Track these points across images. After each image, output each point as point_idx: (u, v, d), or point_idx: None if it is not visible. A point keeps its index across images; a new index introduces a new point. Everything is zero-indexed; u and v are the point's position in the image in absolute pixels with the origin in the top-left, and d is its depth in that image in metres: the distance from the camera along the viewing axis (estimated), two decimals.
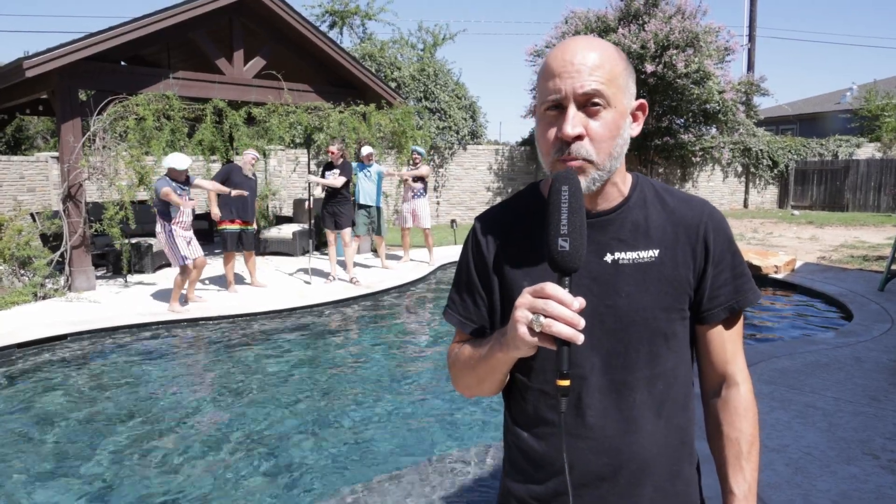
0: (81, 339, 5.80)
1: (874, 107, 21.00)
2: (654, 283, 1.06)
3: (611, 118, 1.01)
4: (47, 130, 19.34)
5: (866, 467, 3.03)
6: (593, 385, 1.05)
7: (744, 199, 19.32)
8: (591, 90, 0.99)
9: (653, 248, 1.07)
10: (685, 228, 1.09)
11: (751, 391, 1.13)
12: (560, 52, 1.03)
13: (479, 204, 16.85)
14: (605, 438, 1.06)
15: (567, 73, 1.00)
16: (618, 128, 1.02)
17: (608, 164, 1.03)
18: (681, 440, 1.12)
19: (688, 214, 1.10)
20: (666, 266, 1.07)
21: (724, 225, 1.11)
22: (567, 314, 0.87)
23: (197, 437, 3.88)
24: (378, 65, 16.48)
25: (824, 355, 4.82)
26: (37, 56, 7.00)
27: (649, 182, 1.15)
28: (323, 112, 9.51)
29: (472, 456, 3.54)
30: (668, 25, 15.21)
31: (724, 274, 1.09)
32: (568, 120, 0.99)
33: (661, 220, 1.09)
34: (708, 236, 1.08)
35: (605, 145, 1.01)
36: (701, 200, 1.13)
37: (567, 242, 0.89)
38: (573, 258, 0.89)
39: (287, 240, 10.55)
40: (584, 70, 0.99)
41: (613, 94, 1.01)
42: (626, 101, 1.05)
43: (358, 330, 6.47)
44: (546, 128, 1.03)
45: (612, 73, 1.01)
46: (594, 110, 1.00)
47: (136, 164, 7.54)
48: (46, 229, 7.74)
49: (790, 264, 8.59)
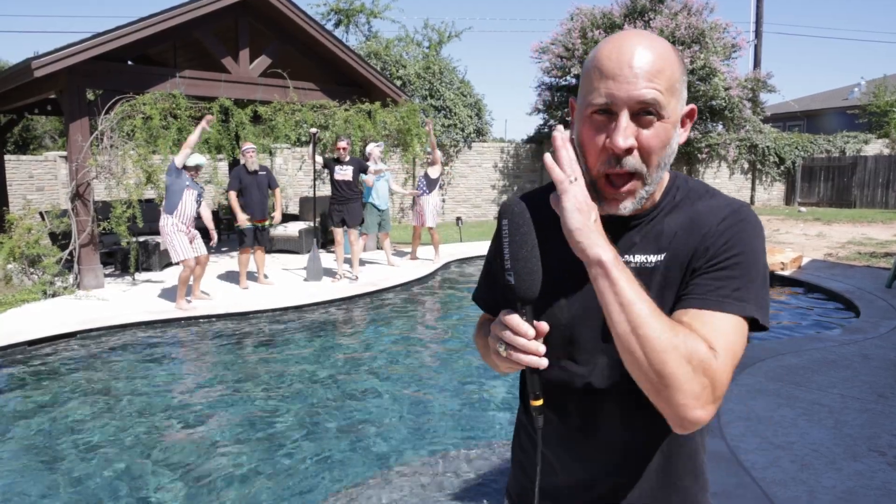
0: (90, 336, 5.84)
1: (883, 103, 20.83)
2: (656, 289, 0.99)
3: (663, 130, 0.93)
4: (55, 130, 19.45)
5: (872, 464, 3.03)
6: (595, 386, 1.04)
7: (750, 197, 19.23)
8: (650, 99, 0.91)
9: (660, 253, 1.00)
10: (697, 232, 0.99)
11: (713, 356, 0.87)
12: (616, 50, 0.93)
13: (484, 202, 16.84)
14: (592, 445, 1.05)
15: (624, 77, 0.91)
16: (669, 138, 0.95)
17: (655, 177, 0.96)
18: (676, 449, 1.07)
19: (707, 218, 1.00)
20: (668, 271, 0.99)
21: (744, 233, 0.97)
22: (522, 343, 0.89)
23: (202, 433, 3.91)
24: (383, 63, 16.50)
25: (831, 352, 4.81)
26: (45, 56, 7.05)
27: (686, 184, 1.06)
28: (328, 110, 9.54)
29: (477, 452, 3.55)
30: (674, 22, 15.16)
31: (719, 270, 0.95)
32: (620, 130, 0.91)
33: (677, 224, 1.01)
34: (714, 239, 0.97)
35: (654, 157, 0.94)
36: (730, 206, 1.00)
37: (511, 276, 0.90)
38: (520, 290, 0.90)
39: (293, 238, 10.60)
40: (641, 75, 0.91)
41: (669, 104, 0.93)
42: (680, 109, 0.97)
43: (363, 327, 6.49)
44: (593, 133, 0.95)
45: (672, 80, 0.93)
46: (648, 120, 0.92)
47: (143, 162, 7.59)
48: (55, 228, 7.80)
49: (797, 261, 8.56)
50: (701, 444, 1.10)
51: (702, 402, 0.86)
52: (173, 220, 6.49)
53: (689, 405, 0.86)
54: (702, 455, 1.10)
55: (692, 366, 0.85)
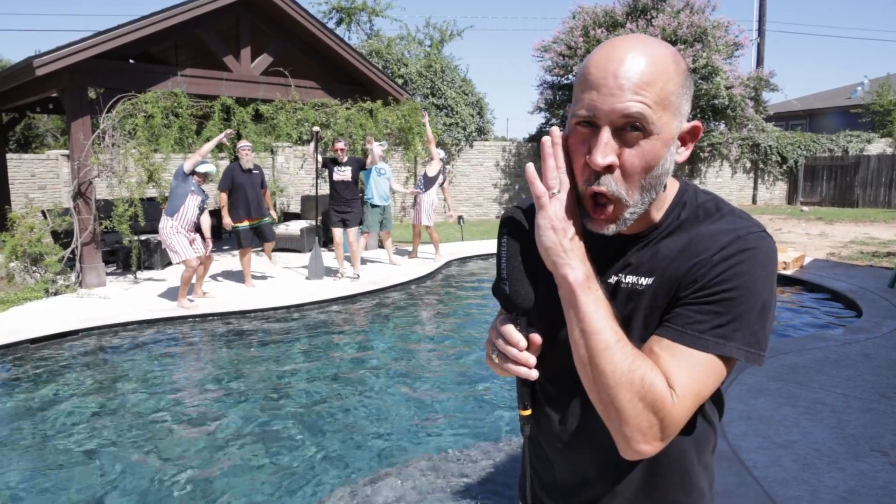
0: (92, 334, 5.85)
1: (886, 102, 20.77)
2: (640, 312, 0.94)
3: (650, 148, 0.85)
4: (57, 128, 19.47)
5: (875, 464, 3.02)
6: (582, 398, 0.98)
7: (752, 196, 19.21)
8: (635, 113, 0.83)
9: (650, 276, 0.94)
10: (690, 259, 0.90)
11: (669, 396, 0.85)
12: (604, 58, 0.86)
13: (486, 200, 16.84)
14: (583, 452, 1.04)
15: (608, 88, 0.84)
16: (657, 158, 0.86)
17: (639, 200, 0.89)
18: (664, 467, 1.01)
19: (705, 244, 0.91)
20: (656, 295, 0.93)
21: (742, 265, 0.87)
22: (513, 353, 0.90)
23: (203, 431, 3.91)
24: (385, 61, 16.50)
25: (833, 352, 4.80)
26: (47, 55, 7.05)
27: (696, 199, 0.97)
28: (330, 109, 9.53)
29: (480, 451, 3.55)
30: (676, 20, 15.14)
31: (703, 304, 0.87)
32: (599, 147, 0.84)
33: (675, 247, 0.93)
34: (706, 270, 0.88)
35: (636, 178, 0.87)
36: (735, 233, 0.90)
37: (507, 286, 0.91)
38: (516, 299, 0.90)
39: (295, 236, 10.60)
40: (627, 87, 0.83)
41: (659, 119, 0.85)
42: (676, 125, 0.88)
43: (365, 326, 6.49)
44: (578, 145, 0.89)
45: (664, 92, 0.84)
46: (633, 137, 0.85)
47: (145, 161, 7.59)
48: (57, 226, 7.81)
49: (799, 261, 8.55)
50: (697, 463, 1.02)
51: (647, 438, 0.85)
52: (172, 223, 6.48)
53: (634, 438, 0.85)
54: (697, 471, 1.02)
55: (644, 403, 0.83)
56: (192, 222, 6.59)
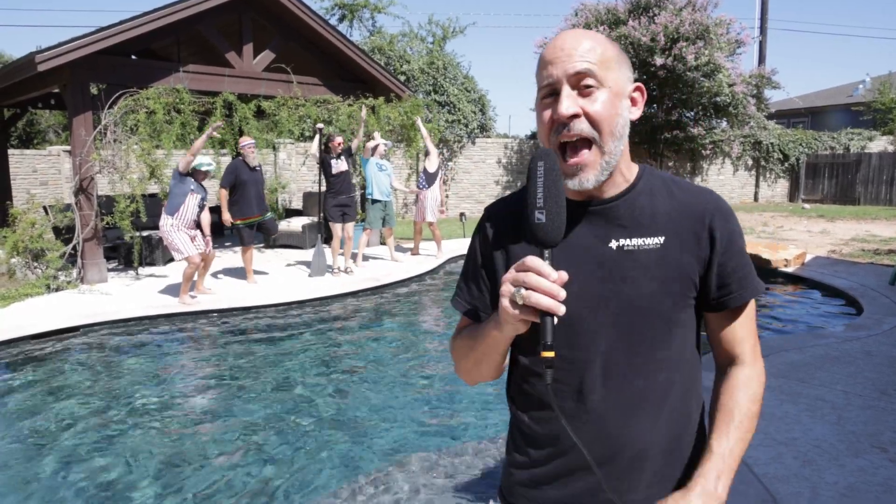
0: (94, 330, 5.86)
1: (888, 99, 20.73)
2: (659, 270, 1.05)
3: (606, 97, 1.01)
4: (59, 124, 19.47)
5: (875, 460, 3.03)
6: (597, 370, 1.05)
7: (754, 193, 19.19)
8: (583, 69, 1.00)
9: (658, 235, 1.06)
10: (691, 217, 1.07)
11: (759, 372, 1.12)
12: (552, 44, 1.05)
13: (487, 197, 16.84)
14: (605, 424, 1.06)
15: (558, 58, 1.02)
16: (614, 107, 1.02)
17: (611, 145, 1.03)
18: (684, 427, 1.12)
19: (694, 204, 1.09)
20: (671, 253, 1.05)
21: (730, 216, 1.10)
22: (545, 284, 0.87)
23: (205, 427, 3.93)
24: (387, 58, 16.48)
25: (834, 349, 4.80)
26: (49, 50, 7.05)
27: (656, 172, 1.14)
28: (332, 105, 9.53)
29: (482, 447, 3.56)
30: (678, 18, 15.10)
31: (730, 263, 1.08)
32: (562, 100, 1.01)
33: (667, 207, 1.08)
34: (714, 225, 1.07)
35: (604, 124, 1.01)
36: (708, 191, 1.12)
37: (543, 214, 0.90)
38: (549, 230, 0.90)
39: (297, 233, 10.61)
40: (574, 54, 1.01)
41: (605, 75, 1.02)
42: (622, 83, 1.05)
43: (366, 322, 6.50)
44: (542, 113, 1.05)
45: (604, 56, 1.03)
46: (588, 91, 1.01)
47: (146, 157, 7.59)
48: (59, 222, 7.81)
49: (800, 258, 8.54)
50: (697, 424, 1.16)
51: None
52: (172, 221, 6.48)
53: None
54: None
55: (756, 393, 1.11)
56: (192, 221, 6.60)
